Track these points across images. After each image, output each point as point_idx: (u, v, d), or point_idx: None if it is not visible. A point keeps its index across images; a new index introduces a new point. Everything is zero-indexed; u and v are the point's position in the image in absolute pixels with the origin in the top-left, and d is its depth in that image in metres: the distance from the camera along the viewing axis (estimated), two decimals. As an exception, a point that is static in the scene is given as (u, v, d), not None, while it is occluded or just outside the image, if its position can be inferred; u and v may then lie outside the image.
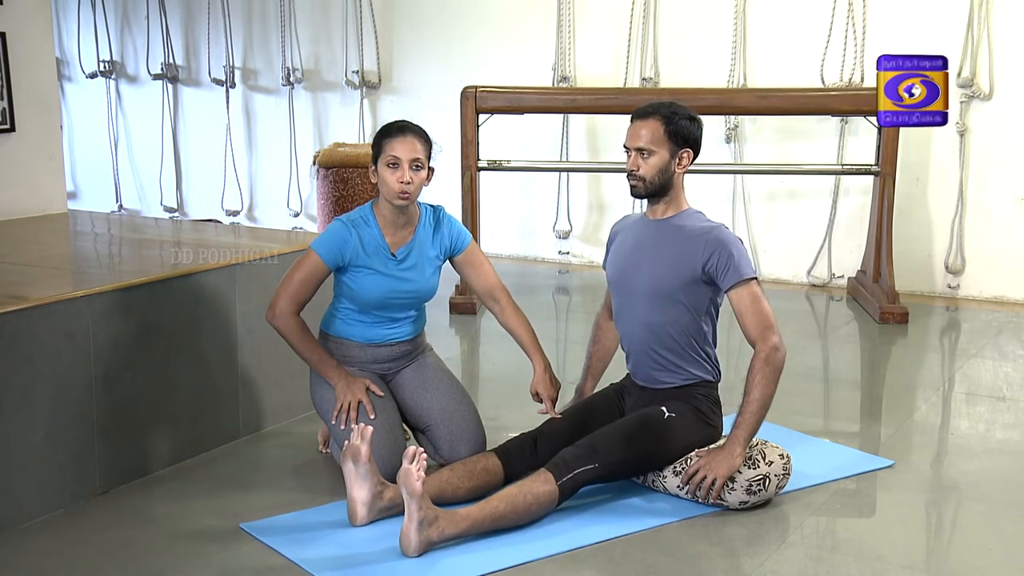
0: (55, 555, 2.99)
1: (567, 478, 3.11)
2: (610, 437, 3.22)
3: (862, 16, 6.29)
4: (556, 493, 3.09)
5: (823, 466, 3.56)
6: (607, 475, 3.21)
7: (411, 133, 3.35)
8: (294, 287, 3.37)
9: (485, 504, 3.04)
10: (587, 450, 3.17)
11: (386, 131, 3.38)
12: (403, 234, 3.43)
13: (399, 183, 3.30)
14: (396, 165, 3.31)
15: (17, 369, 3.10)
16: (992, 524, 3.22)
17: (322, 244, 3.37)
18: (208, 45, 8.24)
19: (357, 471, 3.06)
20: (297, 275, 3.38)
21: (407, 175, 3.30)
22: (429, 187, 3.42)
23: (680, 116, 3.29)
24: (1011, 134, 6.04)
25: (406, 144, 3.32)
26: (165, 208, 8.59)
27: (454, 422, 3.45)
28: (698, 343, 3.33)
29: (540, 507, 3.08)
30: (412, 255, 3.43)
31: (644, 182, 3.30)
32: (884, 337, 5.40)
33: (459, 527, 2.97)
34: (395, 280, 3.41)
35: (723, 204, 6.71)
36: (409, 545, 2.90)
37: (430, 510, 2.93)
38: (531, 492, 3.07)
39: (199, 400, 3.68)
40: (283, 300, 3.36)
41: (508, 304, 3.55)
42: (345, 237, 3.36)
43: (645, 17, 6.80)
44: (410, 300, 3.48)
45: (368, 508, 3.08)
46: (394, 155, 3.31)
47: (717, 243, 3.22)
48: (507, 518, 3.04)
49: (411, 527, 2.90)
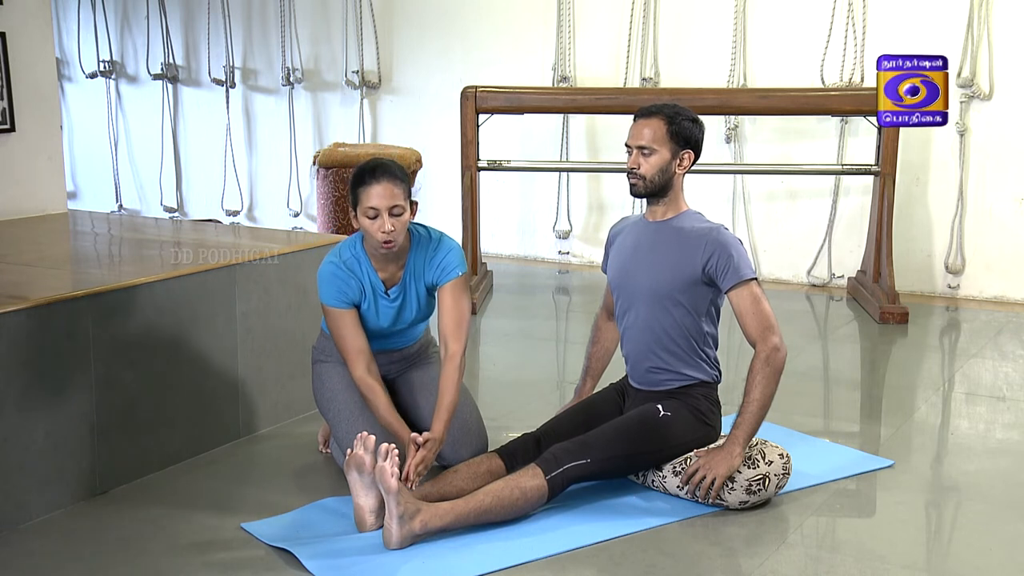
0: (55, 555, 2.99)
1: (556, 473, 3.10)
2: (603, 433, 3.22)
3: (862, 16, 6.28)
4: (545, 488, 3.09)
5: (823, 466, 3.56)
6: (599, 471, 3.20)
7: (385, 177, 3.19)
8: (349, 345, 3.32)
9: (471, 498, 3.04)
10: (578, 446, 3.17)
11: (359, 179, 3.22)
12: (393, 269, 3.38)
13: (381, 233, 3.20)
14: (376, 216, 3.20)
15: (17, 369, 3.10)
16: (992, 524, 3.21)
17: (329, 296, 3.32)
18: (208, 45, 8.24)
19: (362, 480, 3.04)
20: (340, 335, 3.33)
21: (387, 224, 3.19)
22: (429, 187, 3.41)
23: (683, 117, 3.29)
24: (1011, 134, 6.04)
25: (382, 191, 3.18)
26: (165, 208, 8.59)
27: (455, 424, 3.44)
28: (699, 344, 3.33)
29: (527, 502, 3.07)
30: (404, 293, 3.40)
31: (644, 181, 3.30)
32: (884, 337, 5.40)
33: (443, 520, 2.97)
34: (391, 315, 3.41)
35: (723, 204, 6.70)
36: (391, 539, 2.92)
37: (410, 504, 2.94)
38: (518, 486, 3.07)
39: (199, 400, 3.68)
40: (353, 367, 3.32)
41: (453, 359, 3.32)
42: (345, 279, 3.32)
43: (645, 17, 6.80)
44: (406, 327, 3.49)
45: (376, 515, 3.06)
46: (371, 206, 3.18)
47: (717, 244, 3.23)
48: (493, 512, 3.03)
49: (392, 522, 2.92)
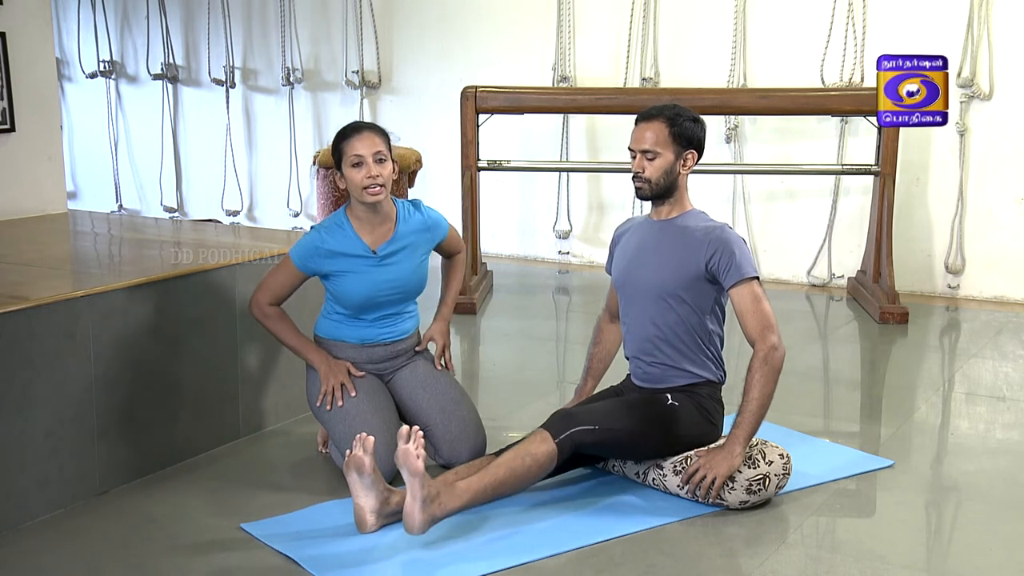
0: (55, 555, 2.98)
1: (564, 436, 3.11)
2: (611, 404, 3.26)
3: (862, 16, 6.29)
4: (554, 451, 3.09)
5: (823, 466, 3.56)
6: (603, 440, 3.19)
7: (367, 130, 3.41)
8: (270, 285, 3.49)
9: (484, 473, 3.04)
10: (586, 412, 3.19)
11: (342, 135, 3.43)
12: (382, 231, 3.45)
13: (366, 178, 3.35)
14: (360, 163, 3.35)
15: (17, 369, 3.10)
16: (992, 524, 3.21)
17: (296, 252, 3.45)
18: (208, 45, 8.24)
19: (362, 481, 3.04)
20: (273, 277, 3.49)
21: (373, 169, 3.35)
22: (429, 187, 3.42)
23: (684, 118, 3.30)
24: (1011, 134, 6.04)
25: (365, 140, 3.37)
26: (165, 208, 8.59)
27: (453, 423, 3.45)
28: (704, 342, 3.34)
29: (540, 468, 3.08)
30: (396, 250, 3.45)
31: (650, 184, 3.31)
32: (884, 337, 5.40)
33: (461, 499, 2.97)
34: (376, 278, 3.42)
35: (723, 204, 6.70)
36: (414, 524, 2.90)
37: (432, 486, 2.93)
38: (529, 453, 3.08)
39: (199, 400, 3.68)
40: (260, 294, 3.49)
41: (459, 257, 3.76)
42: (317, 245, 3.41)
43: (645, 17, 6.80)
44: (397, 295, 3.48)
45: (376, 515, 3.06)
46: (356, 154, 3.35)
47: (720, 242, 3.23)
48: (507, 484, 3.04)
49: (415, 506, 2.89)
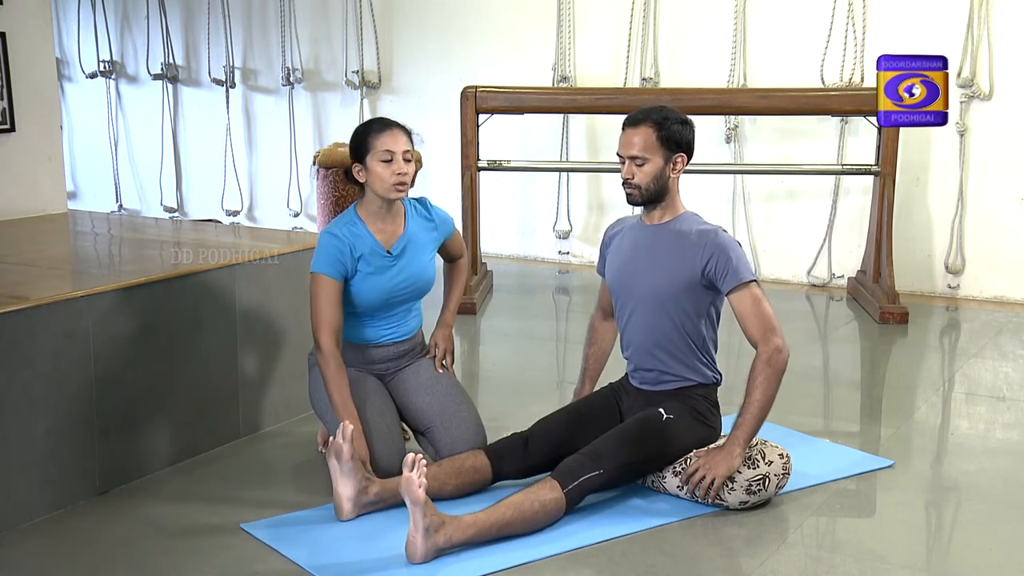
0: (55, 555, 2.99)
1: (573, 485, 3.09)
2: (611, 442, 3.20)
3: (862, 16, 6.28)
4: (563, 501, 3.08)
5: (823, 466, 3.55)
6: (612, 480, 3.20)
7: (396, 127, 3.41)
8: (325, 317, 3.31)
9: (492, 511, 3.02)
10: (590, 457, 3.15)
11: (370, 128, 3.42)
12: (392, 229, 3.44)
13: (396, 175, 3.34)
14: (390, 160, 3.35)
15: (17, 369, 3.10)
16: (992, 524, 3.21)
17: (322, 263, 3.34)
18: (208, 45, 8.24)
19: (341, 468, 3.11)
20: (320, 308, 3.32)
21: (403, 167, 3.35)
22: (429, 187, 3.42)
23: (671, 121, 3.26)
24: (1011, 134, 6.04)
25: (397, 138, 3.37)
26: (165, 208, 8.59)
27: (454, 424, 3.44)
28: (699, 347, 3.32)
29: (547, 515, 3.06)
30: (407, 247, 3.45)
31: (640, 190, 3.30)
32: (884, 337, 5.40)
33: (466, 534, 2.94)
34: (393, 277, 3.41)
35: (723, 204, 6.71)
36: (416, 553, 2.87)
37: (435, 516, 2.89)
38: (538, 499, 3.05)
39: (199, 400, 3.68)
40: (323, 337, 3.30)
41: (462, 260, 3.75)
42: (340, 247, 3.35)
43: (645, 17, 6.80)
44: (410, 293, 3.48)
45: (353, 503, 3.12)
46: (387, 149, 3.34)
47: (716, 247, 3.22)
48: (514, 525, 3.01)
49: (417, 535, 2.87)
